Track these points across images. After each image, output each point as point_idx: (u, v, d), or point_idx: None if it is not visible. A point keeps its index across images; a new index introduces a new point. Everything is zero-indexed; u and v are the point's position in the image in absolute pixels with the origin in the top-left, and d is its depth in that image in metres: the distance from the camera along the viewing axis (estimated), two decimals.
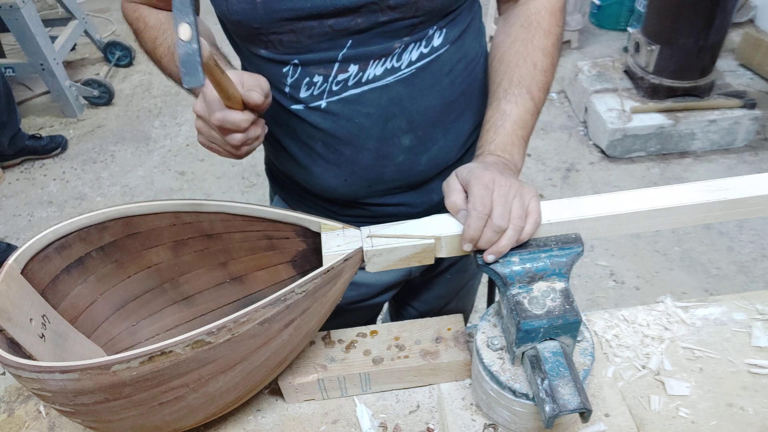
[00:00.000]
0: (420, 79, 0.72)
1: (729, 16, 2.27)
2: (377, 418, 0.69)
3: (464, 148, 0.83)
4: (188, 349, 0.51)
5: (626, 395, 0.68)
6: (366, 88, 0.70)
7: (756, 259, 2.03)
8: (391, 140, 0.75)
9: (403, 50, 0.70)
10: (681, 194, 0.65)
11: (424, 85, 0.73)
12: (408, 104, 0.73)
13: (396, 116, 0.73)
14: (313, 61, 0.69)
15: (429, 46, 0.71)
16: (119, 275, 0.72)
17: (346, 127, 0.73)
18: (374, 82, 0.70)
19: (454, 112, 0.78)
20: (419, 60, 0.71)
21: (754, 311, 0.77)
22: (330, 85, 0.70)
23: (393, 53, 0.69)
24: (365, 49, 0.68)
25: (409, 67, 0.71)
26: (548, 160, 2.57)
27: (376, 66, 0.69)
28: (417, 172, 0.79)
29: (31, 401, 0.73)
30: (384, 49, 0.69)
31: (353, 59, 0.68)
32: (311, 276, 0.57)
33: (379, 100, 0.71)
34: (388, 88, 0.71)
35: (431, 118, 0.75)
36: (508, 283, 0.59)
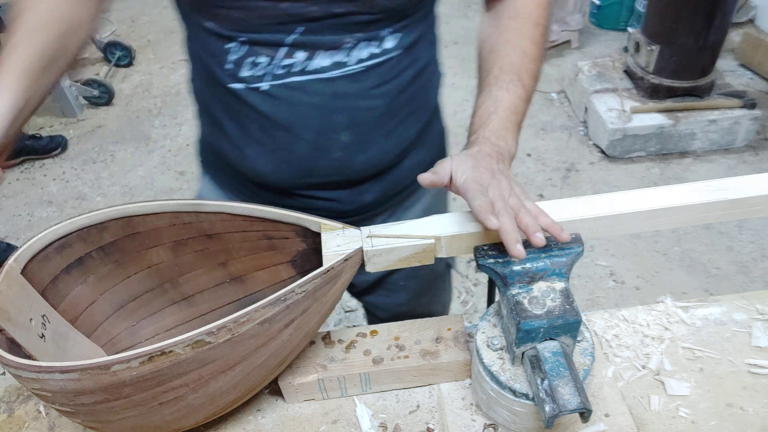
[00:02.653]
0: (367, 79, 0.72)
1: (729, 16, 2.27)
2: (377, 418, 0.69)
3: (404, 153, 0.82)
4: (188, 349, 0.51)
5: (626, 395, 0.68)
6: (311, 77, 0.69)
7: (756, 259, 2.03)
8: (329, 134, 0.74)
9: (354, 46, 0.69)
10: (681, 194, 0.65)
11: (371, 85, 0.72)
12: (352, 101, 0.72)
13: (338, 111, 0.72)
14: (261, 41, 0.67)
15: (381, 47, 0.71)
16: (119, 275, 0.72)
17: (285, 113, 0.72)
18: (320, 72, 0.69)
19: (398, 117, 0.78)
20: (369, 59, 0.71)
21: (754, 311, 0.77)
22: (274, 68, 0.69)
23: (343, 47, 0.68)
24: (315, 38, 0.67)
25: (357, 64, 0.70)
26: (548, 160, 2.57)
27: (324, 57, 0.68)
28: (352, 171, 0.78)
29: (31, 401, 0.73)
30: (334, 41, 0.68)
31: (302, 46, 0.67)
32: (311, 276, 0.57)
33: (323, 92, 0.71)
34: (333, 81, 0.70)
35: (374, 118, 0.75)
36: (508, 283, 0.59)
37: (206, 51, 0.71)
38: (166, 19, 3.94)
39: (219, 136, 0.79)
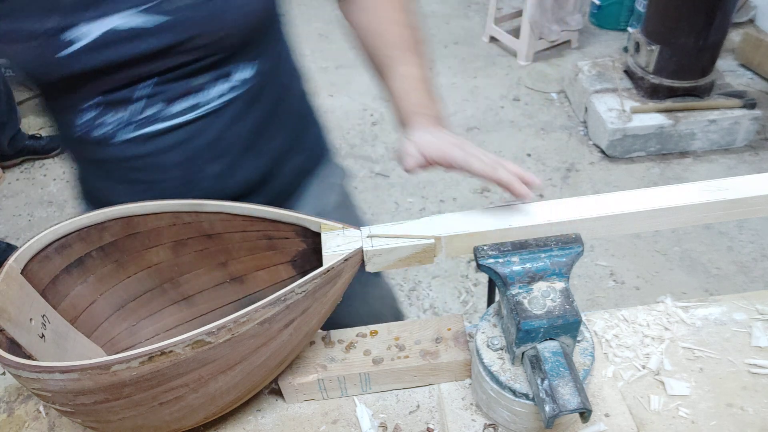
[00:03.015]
0: (229, 111, 0.72)
1: (729, 16, 2.28)
2: (377, 418, 0.69)
3: (278, 165, 0.83)
4: (188, 349, 0.51)
5: (626, 395, 0.68)
6: (169, 123, 0.70)
7: (756, 259, 2.03)
8: (196, 169, 0.75)
9: (210, 85, 0.69)
10: (681, 194, 0.65)
11: (233, 116, 0.73)
12: (215, 135, 0.73)
13: (202, 147, 0.73)
14: (115, 101, 0.67)
15: (239, 79, 0.71)
16: (119, 275, 0.72)
17: (147, 160, 0.72)
18: (179, 116, 0.69)
19: (266, 136, 0.78)
20: (228, 92, 0.71)
21: (754, 311, 0.77)
22: (132, 121, 0.69)
23: (199, 90, 0.69)
24: (169, 88, 0.67)
25: (218, 100, 0.71)
26: (548, 160, 2.57)
27: (181, 102, 0.69)
28: (227, 194, 0.79)
29: (31, 401, 0.73)
30: (188, 86, 0.68)
31: (156, 98, 0.68)
32: (311, 276, 0.57)
33: (183, 135, 0.71)
34: (193, 122, 0.71)
35: (241, 145, 0.76)
36: (508, 283, 0.59)
37: (61, 109, 0.70)
38: None
39: (88, 176, 0.80)
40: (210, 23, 0.64)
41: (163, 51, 0.63)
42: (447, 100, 2.99)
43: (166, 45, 0.63)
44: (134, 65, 0.64)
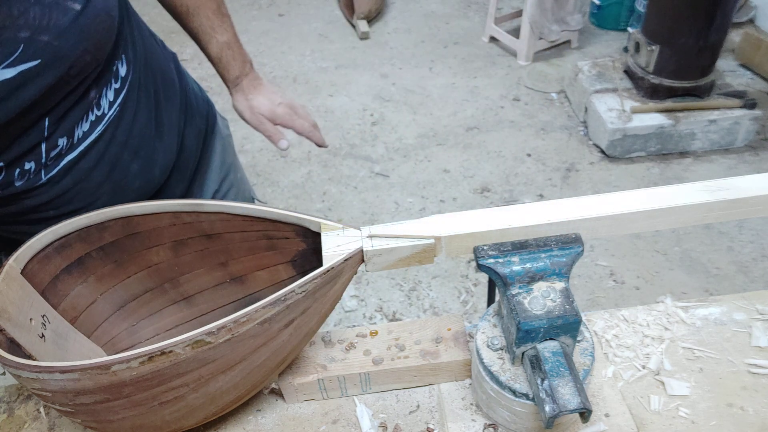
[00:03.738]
0: (126, 110, 0.74)
1: (729, 16, 2.28)
2: (377, 418, 0.69)
3: (183, 138, 0.87)
4: (188, 349, 0.51)
5: (626, 395, 0.68)
6: (81, 147, 0.70)
7: (756, 259, 2.03)
8: (121, 176, 0.76)
9: (99, 96, 0.70)
10: (681, 194, 0.65)
11: (131, 112, 0.75)
12: (124, 139, 0.74)
13: (118, 155, 0.74)
14: (18, 155, 0.66)
15: (118, 80, 0.72)
16: (119, 275, 0.72)
17: (73, 189, 0.73)
18: (86, 138, 0.70)
19: (164, 116, 0.81)
20: (116, 96, 0.72)
21: (754, 311, 0.77)
22: (44, 164, 0.69)
23: (92, 106, 0.69)
24: (65, 119, 0.67)
25: (111, 108, 0.72)
26: (548, 160, 2.57)
27: (83, 125, 0.69)
28: (155, 184, 0.82)
29: (31, 401, 0.73)
30: (82, 108, 0.68)
31: (58, 133, 0.67)
32: (311, 276, 0.57)
33: (97, 151, 0.72)
34: (101, 137, 0.72)
35: (149, 135, 0.78)
36: (508, 283, 0.59)
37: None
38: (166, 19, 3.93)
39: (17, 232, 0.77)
40: (81, 43, 0.64)
41: (51, 88, 0.63)
42: (447, 100, 3.00)
43: (52, 82, 0.62)
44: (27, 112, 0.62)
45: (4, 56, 0.58)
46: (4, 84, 0.59)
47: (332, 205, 2.42)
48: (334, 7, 3.83)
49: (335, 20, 3.69)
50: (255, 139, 2.79)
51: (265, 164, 2.64)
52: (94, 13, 0.65)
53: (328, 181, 2.54)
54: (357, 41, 3.48)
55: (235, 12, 3.95)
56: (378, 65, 3.27)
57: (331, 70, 3.24)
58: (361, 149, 2.72)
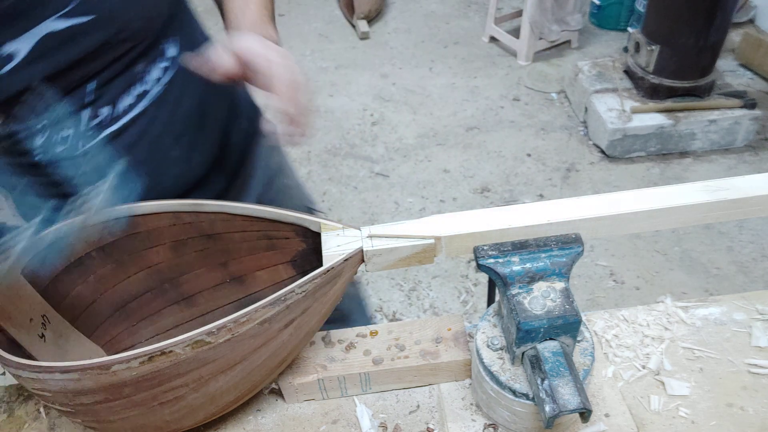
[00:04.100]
0: (171, 92, 0.73)
1: (729, 16, 2.28)
2: (377, 418, 0.69)
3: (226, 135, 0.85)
4: (188, 349, 0.51)
5: (626, 395, 0.68)
6: (122, 121, 0.70)
7: (756, 259, 2.03)
8: (160, 158, 0.75)
9: (146, 71, 0.70)
10: (681, 194, 0.65)
11: (176, 96, 0.74)
12: (167, 119, 0.74)
13: (159, 137, 0.74)
14: (60, 119, 0.65)
15: (168, 58, 0.72)
16: (119, 275, 0.72)
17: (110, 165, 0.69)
18: (129, 112, 0.70)
19: (208, 108, 0.80)
20: (164, 74, 0.72)
21: (754, 311, 0.77)
22: (84, 133, 0.68)
23: (138, 79, 0.69)
24: (109, 88, 0.67)
25: (157, 85, 0.71)
26: (548, 160, 2.57)
27: (125, 98, 0.69)
28: (194, 175, 0.80)
29: (31, 401, 0.73)
30: (128, 79, 0.68)
31: (101, 101, 0.67)
32: (311, 276, 0.57)
33: (138, 128, 0.71)
34: (144, 113, 0.71)
35: (192, 123, 0.77)
36: (508, 283, 0.59)
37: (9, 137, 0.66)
38: None
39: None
40: (134, 9, 0.64)
41: (98, 49, 0.63)
42: (447, 100, 3.00)
43: (99, 42, 0.62)
44: (72, 70, 0.62)
45: (60, 6, 0.59)
46: (55, 35, 0.59)
47: (332, 205, 2.42)
48: (334, 7, 3.83)
49: (335, 20, 3.69)
50: None
51: None
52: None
53: (328, 181, 2.54)
54: (357, 41, 3.48)
55: None
56: (378, 65, 3.27)
57: (331, 70, 3.24)
58: (361, 149, 2.72)
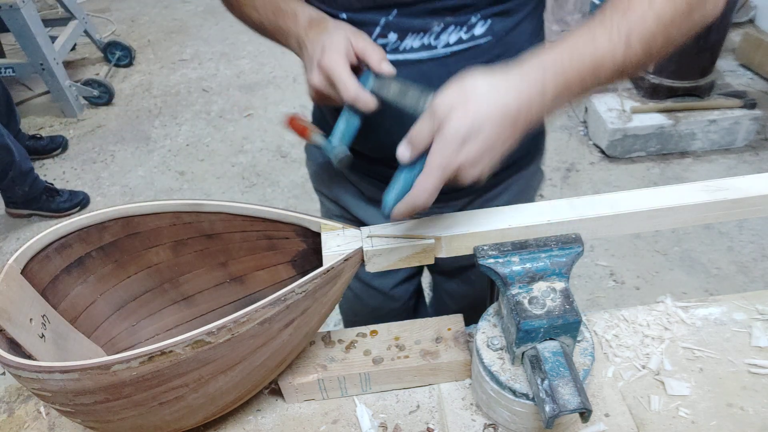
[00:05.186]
0: (453, 63, 0.72)
1: (729, 16, 2.28)
2: (377, 418, 0.69)
3: None
4: (188, 349, 0.51)
5: (626, 395, 0.68)
6: (401, 57, 0.71)
7: (756, 259, 2.03)
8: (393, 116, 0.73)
9: (442, 30, 0.70)
10: (681, 194, 0.65)
11: (456, 69, 0.69)
12: (435, 83, 0.70)
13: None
14: (358, 21, 0.70)
15: (470, 33, 0.70)
16: (119, 275, 0.72)
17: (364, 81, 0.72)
18: (409, 53, 0.71)
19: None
20: (456, 44, 0.71)
21: (754, 311, 0.77)
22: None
23: (431, 31, 0.70)
24: (406, 21, 0.69)
25: (444, 48, 0.71)
26: (548, 160, 2.57)
27: (414, 39, 0.70)
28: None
29: (31, 401, 0.73)
30: (424, 24, 0.69)
31: (393, 28, 0.70)
32: (311, 276, 0.57)
33: (409, 72, 0.71)
34: (420, 63, 0.72)
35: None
36: (508, 283, 0.59)
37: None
38: (166, 19, 3.94)
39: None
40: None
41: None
42: None
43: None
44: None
45: None
46: None
47: None
48: None
49: None
50: (255, 139, 2.79)
51: (265, 164, 2.64)
52: None
53: None
54: None
55: None
56: None
57: None
58: None
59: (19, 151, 2.20)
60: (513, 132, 0.53)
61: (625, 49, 0.54)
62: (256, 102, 3.06)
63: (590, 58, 0.53)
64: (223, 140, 2.80)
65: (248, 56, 3.44)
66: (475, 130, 0.51)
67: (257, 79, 3.24)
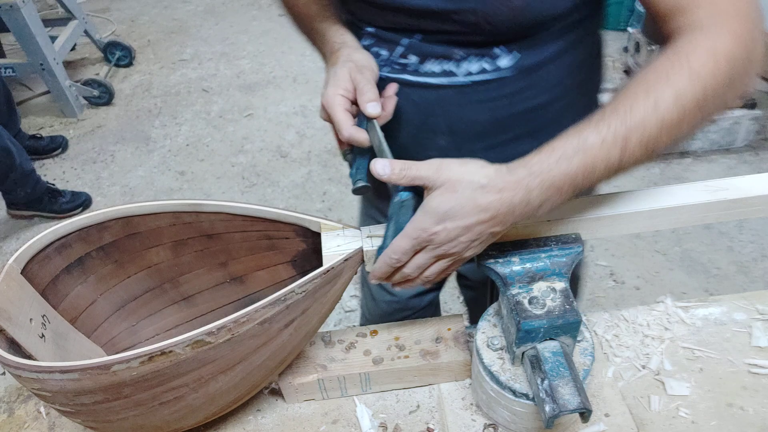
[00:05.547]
0: (473, 92, 0.71)
1: None
2: (377, 418, 0.69)
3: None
4: (188, 349, 0.51)
5: (626, 395, 0.68)
6: (421, 79, 0.71)
7: (756, 259, 2.03)
8: (428, 134, 0.75)
9: (464, 59, 0.69)
10: (681, 194, 0.65)
11: (476, 99, 0.71)
12: (452, 109, 0.72)
13: (438, 116, 0.73)
14: (382, 38, 0.72)
15: (494, 64, 0.69)
16: (119, 275, 0.72)
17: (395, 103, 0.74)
18: (430, 77, 0.71)
19: (507, 134, 0.74)
20: (479, 74, 0.69)
21: (754, 311, 0.77)
22: (392, 62, 0.72)
23: (453, 58, 0.69)
24: (428, 47, 0.69)
25: (465, 77, 0.70)
26: None
27: (435, 64, 0.70)
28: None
29: (31, 401, 0.73)
30: (444, 51, 0.69)
31: (415, 50, 0.70)
32: (311, 276, 0.57)
33: (426, 95, 0.72)
34: (440, 88, 0.71)
35: (475, 130, 0.74)
36: (508, 283, 0.59)
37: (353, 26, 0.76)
38: (166, 19, 3.94)
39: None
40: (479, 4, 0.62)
41: (430, 12, 0.64)
42: None
43: (433, 8, 0.64)
44: (403, 14, 0.67)
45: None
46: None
47: (332, 205, 2.42)
48: None
49: None
50: (255, 139, 2.79)
51: (265, 164, 2.64)
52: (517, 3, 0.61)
53: (328, 181, 2.54)
54: None
55: (235, 12, 3.95)
56: None
57: None
58: None
59: (19, 153, 2.18)
60: (494, 224, 0.55)
61: (621, 152, 0.53)
62: (256, 102, 3.06)
63: (579, 161, 0.53)
64: (223, 140, 2.80)
65: (248, 56, 3.44)
66: (455, 213, 0.54)
67: (257, 79, 3.24)
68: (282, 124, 2.88)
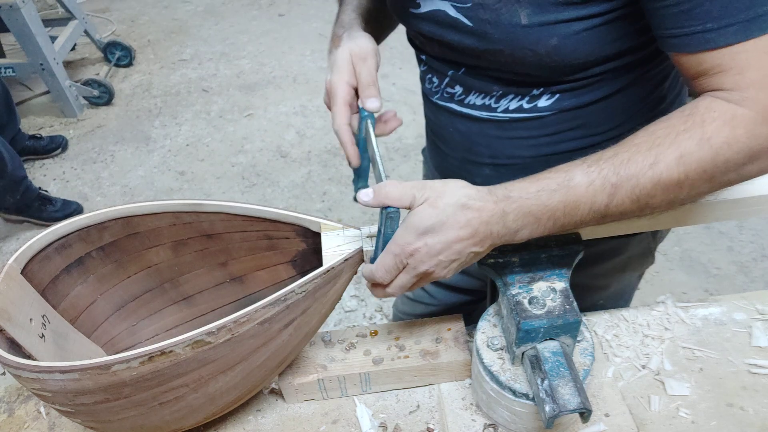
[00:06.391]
0: (512, 129, 0.71)
1: None
2: (377, 418, 0.69)
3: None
4: (188, 349, 0.51)
5: (626, 395, 0.68)
6: (465, 110, 0.73)
7: (756, 259, 2.03)
8: (473, 162, 0.77)
9: (501, 96, 0.69)
10: None
11: (516, 135, 0.71)
12: (495, 143, 0.73)
13: (480, 146, 0.75)
14: (432, 67, 0.75)
15: (532, 103, 0.68)
16: (119, 275, 0.72)
17: (442, 128, 0.79)
18: (472, 109, 0.72)
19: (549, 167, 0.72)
20: (517, 112, 0.69)
21: (754, 311, 0.77)
22: (442, 90, 0.75)
23: (492, 94, 0.70)
24: (470, 80, 0.71)
25: (504, 114, 0.70)
26: None
27: (476, 97, 0.71)
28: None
29: (31, 401, 0.73)
30: (484, 86, 0.70)
31: (460, 82, 0.72)
32: (311, 276, 0.57)
33: (470, 126, 0.74)
34: (481, 120, 0.72)
35: (517, 163, 0.74)
36: (508, 283, 0.59)
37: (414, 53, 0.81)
38: (166, 19, 3.94)
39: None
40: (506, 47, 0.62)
41: (468, 49, 0.65)
42: None
43: (470, 47, 0.65)
44: (447, 48, 0.69)
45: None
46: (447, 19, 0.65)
47: (332, 205, 2.42)
48: (334, 7, 3.81)
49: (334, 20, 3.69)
50: (255, 139, 2.79)
51: (265, 164, 2.64)
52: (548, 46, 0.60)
53: (328, 181, 2.54)
54: None
55: (235, 12, 3.95)
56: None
57: None
58: None
59: (12, 159, 2.16)
60: (474, 243, 0.55)
61: (609, 199, 0.53)
62: (256, 102, 3.05)
63: (561, 197, 0.54)
64: (223, 140, 2.80)
65: (248, 56, 3.44)
66: (436, 228, 0.54)
67: (257, 79, 3.24)
68: (282, 124, 2.88)
